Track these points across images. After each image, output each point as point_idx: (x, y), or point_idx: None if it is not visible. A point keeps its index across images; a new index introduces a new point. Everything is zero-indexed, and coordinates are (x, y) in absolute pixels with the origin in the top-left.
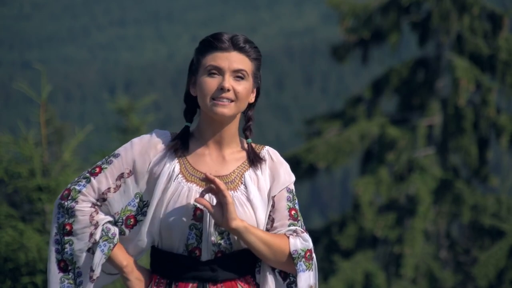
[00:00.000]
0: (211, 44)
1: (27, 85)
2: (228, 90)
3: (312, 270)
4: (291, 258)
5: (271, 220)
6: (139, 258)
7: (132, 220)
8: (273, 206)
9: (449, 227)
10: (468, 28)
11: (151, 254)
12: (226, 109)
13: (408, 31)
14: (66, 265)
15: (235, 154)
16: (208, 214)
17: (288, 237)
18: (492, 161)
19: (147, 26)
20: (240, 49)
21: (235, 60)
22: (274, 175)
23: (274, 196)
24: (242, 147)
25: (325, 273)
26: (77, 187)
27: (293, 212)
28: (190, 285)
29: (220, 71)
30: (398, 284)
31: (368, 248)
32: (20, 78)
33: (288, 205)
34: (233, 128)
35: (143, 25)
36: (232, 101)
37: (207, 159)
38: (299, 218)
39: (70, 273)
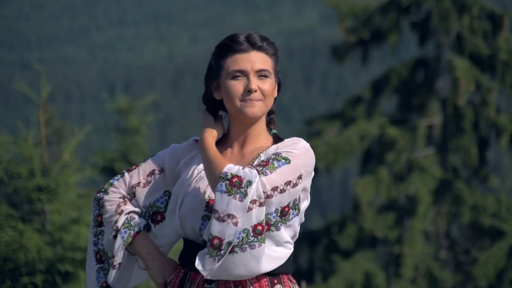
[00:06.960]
0: (229, 47)
1: (27, 85)
2: (255, 91)
3: (235, 199)
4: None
5: None
6: (167, 250)
7: (159, 216)
8: None
9: (449, 227)
10: (468, 28)
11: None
12: (256, 108)
13: (408, 31)
14: (101, 256)
15: (255, 151)
16: None
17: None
18: (492, 161)
19: (147, 26)
20: (259, 48)
21: (256, 60)
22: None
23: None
24: (267, 142)
25: (325, 273)
26: (111, 181)
27: (271, 159)
28: (200, 275)
29: (243, 73)
30: (397, 284)
31: (368, 248)
32: (19, 78)
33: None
34: (259, 126)
35: (143, 25)
36: (260, 100)
37: (228, 156)
38: (272, 161)
39: (104, 264)
